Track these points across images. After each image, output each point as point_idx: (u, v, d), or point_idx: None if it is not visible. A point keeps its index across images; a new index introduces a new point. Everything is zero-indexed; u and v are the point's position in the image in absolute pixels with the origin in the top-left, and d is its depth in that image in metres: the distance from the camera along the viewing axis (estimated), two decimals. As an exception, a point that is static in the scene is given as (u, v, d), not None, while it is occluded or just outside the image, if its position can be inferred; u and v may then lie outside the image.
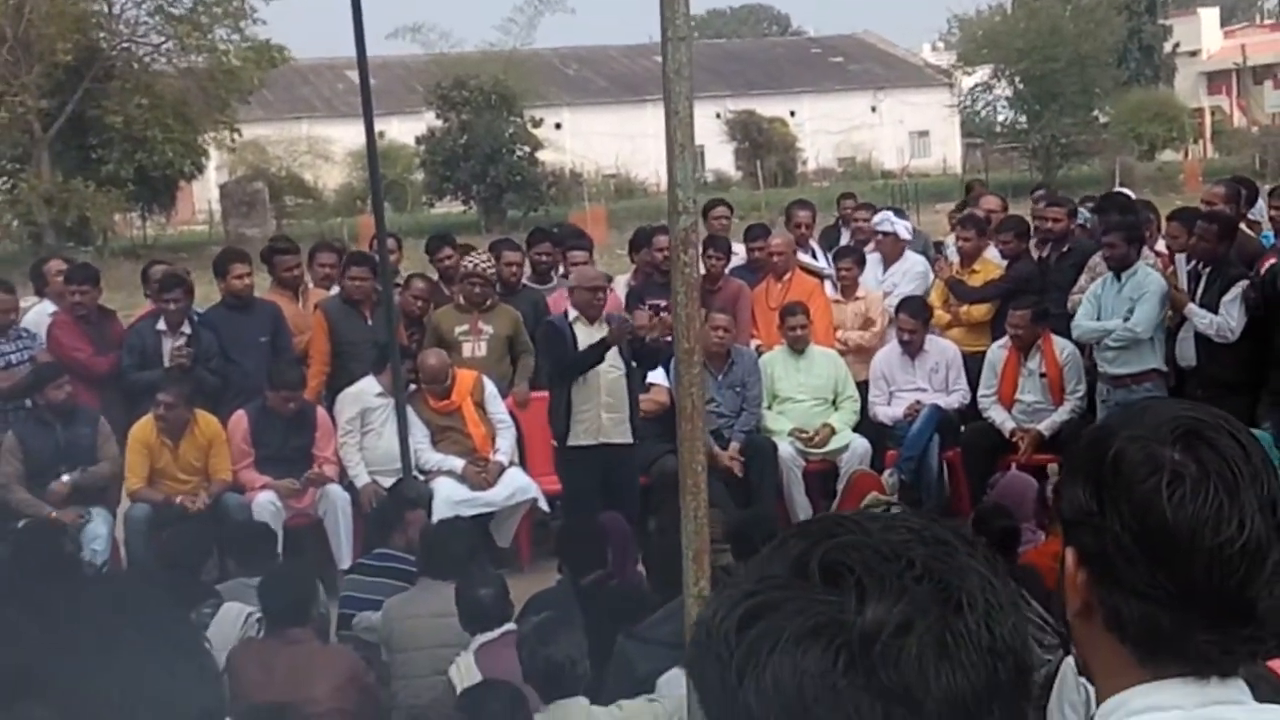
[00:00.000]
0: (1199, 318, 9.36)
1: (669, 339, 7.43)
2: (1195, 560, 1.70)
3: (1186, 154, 52.10)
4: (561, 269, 11.45)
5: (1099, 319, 9.69)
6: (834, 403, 10.40)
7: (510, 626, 6.16)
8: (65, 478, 9.16)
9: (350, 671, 6.30)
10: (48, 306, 10.89)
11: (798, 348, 10.33)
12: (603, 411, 9.32)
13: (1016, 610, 1.20)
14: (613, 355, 9.27)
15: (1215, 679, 1.76)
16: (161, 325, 9.88)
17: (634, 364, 9.39)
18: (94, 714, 1.32)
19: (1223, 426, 1.77)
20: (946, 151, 61.05)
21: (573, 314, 9.39)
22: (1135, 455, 1.74)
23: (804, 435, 10.10)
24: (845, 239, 12.93)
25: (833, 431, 10.22)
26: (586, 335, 9.27)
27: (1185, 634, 1.73)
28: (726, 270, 10.97)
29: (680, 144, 3.87)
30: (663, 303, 8.76)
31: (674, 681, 5.16)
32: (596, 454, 9.31)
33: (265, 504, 9.28)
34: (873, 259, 11.83)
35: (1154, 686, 1.77)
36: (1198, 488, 1.71)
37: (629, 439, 9.39)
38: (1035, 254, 10.80)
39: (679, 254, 3.92)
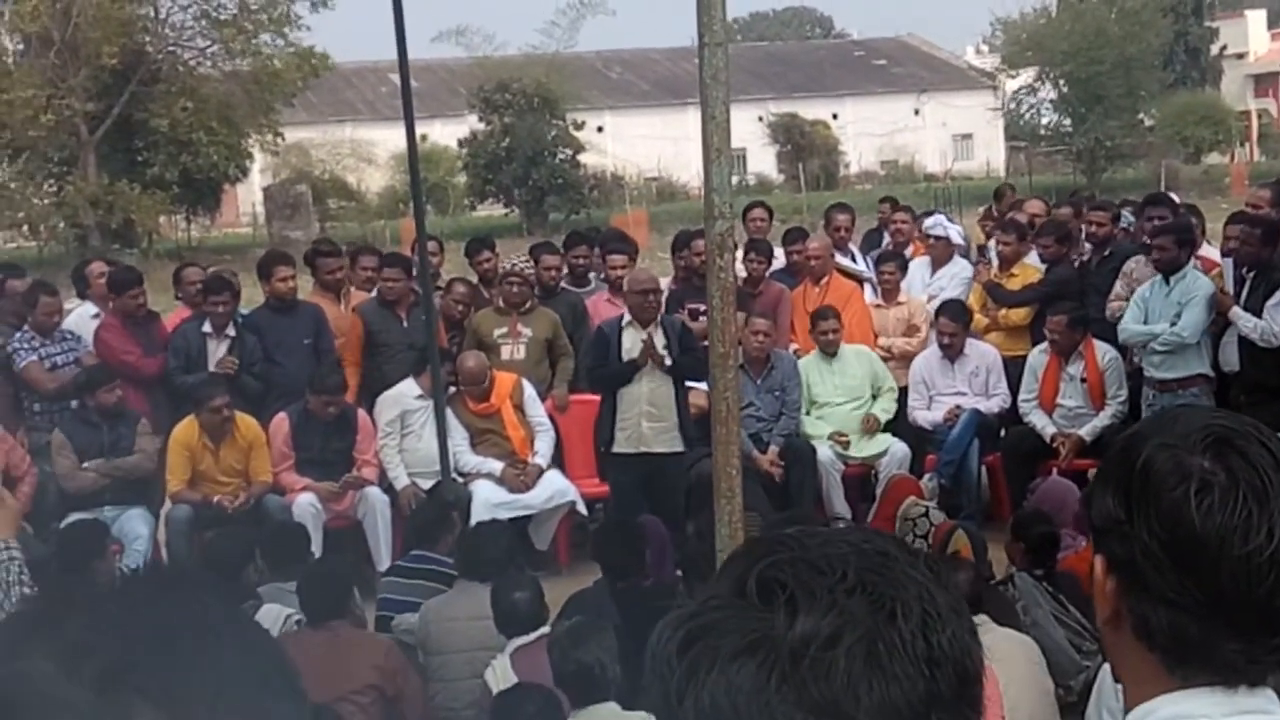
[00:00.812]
0: (1244, 321, 9.30)
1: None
2: (1223, 569, 1.69)
3: (1233, 157, 51.71)
4: (602, 273, 11.45)
5: (1146, 322, 9.64)
6: (873, 396, 10.38)
7: (545, 630, 6.18)
8: (87, 464, 9.23)
9: (387, 654, 6.36)
10: (89, 309, 10.99)
11: (829, 351, 10.31)
12: (644, 421, 9.33)
13: (958, 619, 1.18)
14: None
15: (1244, 688, 1.75)
16: (207, 328, 9.95)
17: (674, 375, 9.34)
18: (186, 710, 1.33)
19: (1253, 435, 1.76)
20: (990, 155, 60.80)
21: (626, 318, 9.41)
22: (1164, 463, 1.73)
23: (842, 439, 10.08)
24: (886, 242, 12.92)
25: (878, 423, 10.21)
26: (636, 339, 9.29)
27: (1213, 643, 1.72)
28: (767, 274, 10.97)
29: (716, 149, 3.87)
30: (702, 306, 8.76)
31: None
32: (639, 461, 9.33)
33: (305, 506, 9.33)
34: (917, 263, 11.81)
35: (1182, 695, 1.76)
36: (1226, 496, 1.70)
37: (676, 448, 9.38)
38: (1075, 258, 10.76)
39: (715, 258, 3.92)
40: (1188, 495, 1.70)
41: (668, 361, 9.23)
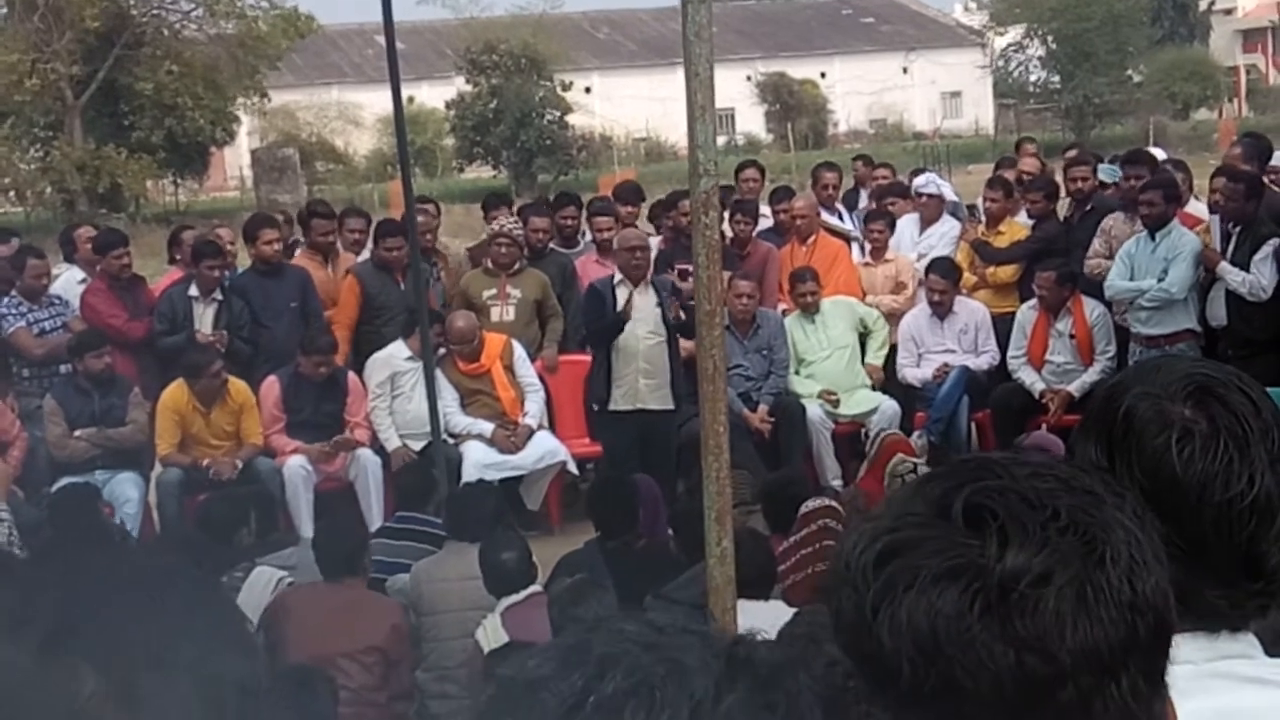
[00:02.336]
0: (1232, 276, 9.31)
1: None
2: (1205, 516, 1.71)
3: (1221, 113, 51.66)
4: (588, 234, 11.45)
5: (1132, 278, 9.66)
6: (862, 340, 10.41)
7: (536, 589, 6.21)
8: (78, 432, 9.23)
9: (396, 618, 6.41)
10: (76, 273, 10.98)
11: (810, 312, 10.32)
12: (640, 378, 9.34)
13: (1160, 568, 1.19)
14: (653, 322, 9.28)
15: (1225, 633, 1.77)
16: (193, 291, 9.93)
17: (676, 331, 9.35)
18: (134, 674, 1.34)
19: (1234, 383, 1.77)
20: (979, 112, 60.65)
21: (618, 276, 9.41)
22: (1146, 412, 1.75)
23: (832, 398, 10.10)
24: (864, 201, 12.93)
25: (881, 373, 10.31)
26: (628, 298, 9.29)
27: (1195, 590, 1.73)
28: (754, 234, 10.97)
29: (701, 106, 3.86)
30: (690, 266, 8.75)
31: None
32: (634, 419, 9.35)
33: (296, 468, 9.34)
34: (905, 221, 11.81)
35: (1164, 641, 1.78)
36: (1208, 444, 1.71)
37: (668, 405, 9.40)
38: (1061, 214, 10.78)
39: (700, 217, 3.92)
40: (1169, 443, 1.72)
41: (683, 315, 9.22)
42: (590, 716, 0.86)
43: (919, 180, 12.34)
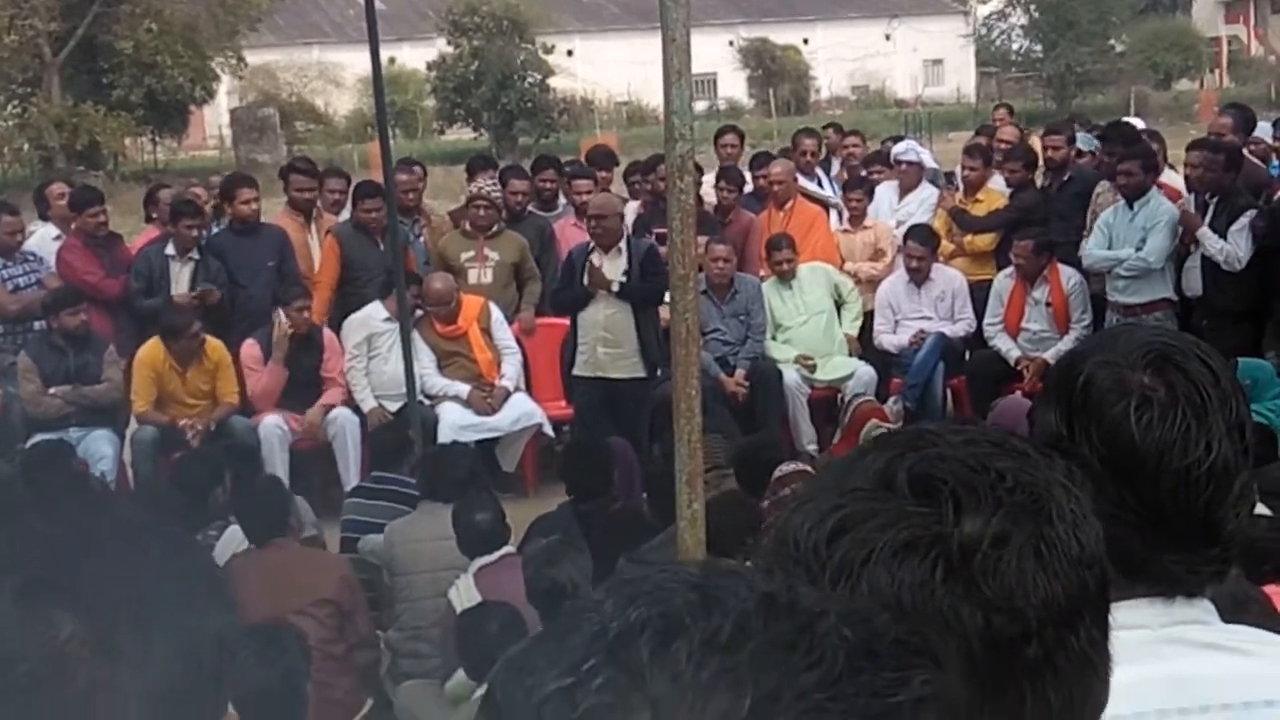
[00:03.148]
0: (1210, 242, 9.33)
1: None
2: (1162, 482, 1.72)
3: (1202, 83, 51.66)
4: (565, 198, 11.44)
5: (1110, 248, 9.69)
6: (837, 307, 10.43)
7: (508, 550, 6.23)
8: (53, 390, 9.20)
9: (341, 571, 6.45)
10: (51, 230, 10.94)
11: (786, 279, 10.33)
12: (600, 346, 9.36)
13: (1095, 521, 1.22)
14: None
15: (1181, 599, 1.78)
16: (170, 250, 9.89)
17: (628, 300, 9.35)
18: (112, 624, 1.35)
19: (1193, 351, 1.78)
20: (961, 80, 60.52)
21: (592, 243, 9.41)
22: (1105, 380, 1.75)
23: (808, 362, 10.12)
24: (835, 169, 12.94)
25: (857, 343, 10.33)
26: (601, 263, 9.29)
27: (1152, 555, 1.75)
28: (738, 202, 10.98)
29: (677, 71, 3.86)
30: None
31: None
32: (598, 385, 9.37)
33: (272, 428, 9.34)
34: (883, 188, 11.83)
35: (1120, 606, 1.78)
36: (1166, 411, 1.72)
37: (637, 373, 9.40)
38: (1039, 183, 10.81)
39: (675, 181, 3.92)
40: (1128, 411, 1.73)
41: (614, 288, 9.23)
42: (612, 643, 0.87)
43: (898, 148, 12.38)
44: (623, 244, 9.40)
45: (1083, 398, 1.76)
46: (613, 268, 9.28)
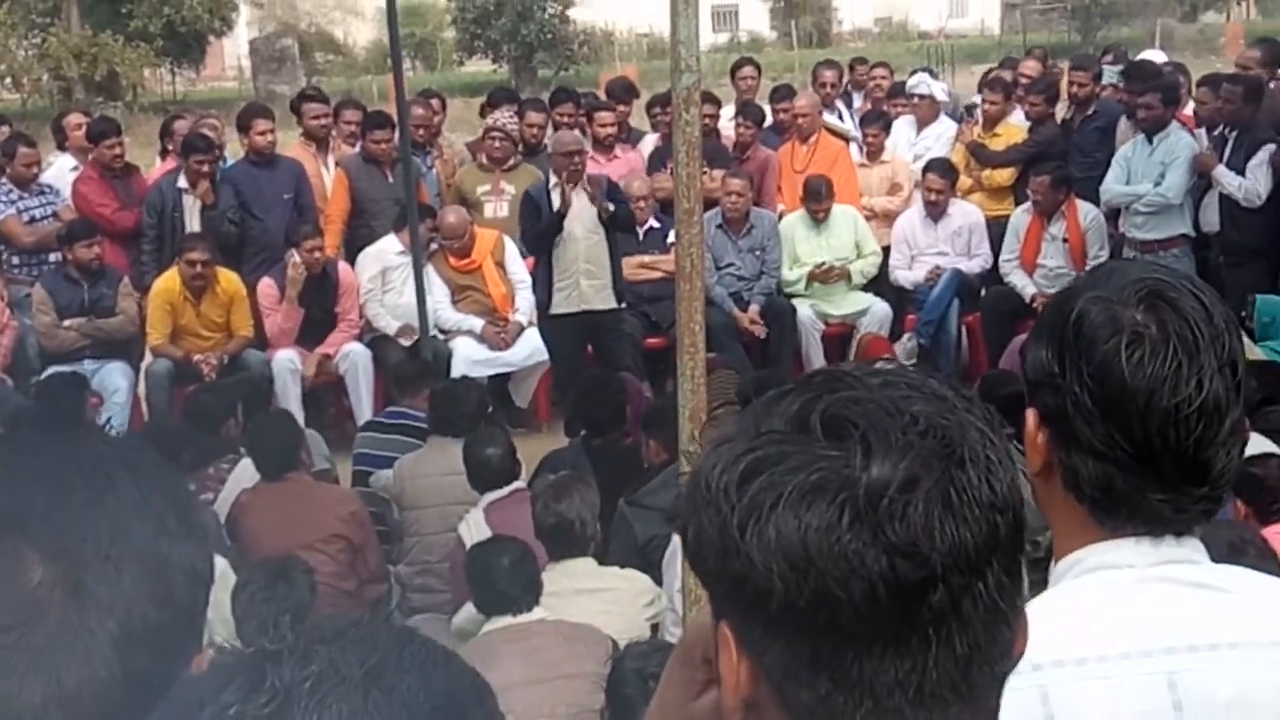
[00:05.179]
0: (1227, 179, 9.25)
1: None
2: (1152, 420, 1.70)
3: (1229, 16, 51.10)
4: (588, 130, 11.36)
5: (1128, 183, 9.61)
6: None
7: (519, 485, 6.24)
8: (68, 322, 9.21)
9: (352, 505, 6.46)
10: (68, 161, 10.92)
11: (819, 220, 10.27)
12: (583, 279, 9.33)
13: (1013, 466, 1.21)
14: (591, 221, 9.25)
15: (1170, 538, 1.77)
16: (183, 183, 9.86)
17: (608, 229, 9.33)
18: (80, 559, 1.34)
19: (1186, 288, 1.76)
20: (985, 13, 59.92)
21: (553, 180, 9.33)
22: (1097, 316, 1.74)
23: (831, 272, 10.06)
24: (858, 102, 12.84)
25: (848, 274, 10.22)
26: (562, 193, 9.22)
27: (1141, 494, 1.74)
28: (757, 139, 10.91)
29: (684, 0, 3.82)
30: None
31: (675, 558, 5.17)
32: (580, 321, 9.35)
33: (285, 362, 9.34)
34: (901, 123, 11.74)
35: (1109, 545, 1.78)
36: (1157, 348, 1.70)
37: (612, 304, 9.40)
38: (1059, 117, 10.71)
39: (681, 113, 3.88)
40: (1119, 348, 1.71)
41: (609, 209, 9.17)
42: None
43: (910, 81, 12.28)
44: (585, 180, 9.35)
45: (1074, 334, 1.75)
46: (581, 202, 9.23)
